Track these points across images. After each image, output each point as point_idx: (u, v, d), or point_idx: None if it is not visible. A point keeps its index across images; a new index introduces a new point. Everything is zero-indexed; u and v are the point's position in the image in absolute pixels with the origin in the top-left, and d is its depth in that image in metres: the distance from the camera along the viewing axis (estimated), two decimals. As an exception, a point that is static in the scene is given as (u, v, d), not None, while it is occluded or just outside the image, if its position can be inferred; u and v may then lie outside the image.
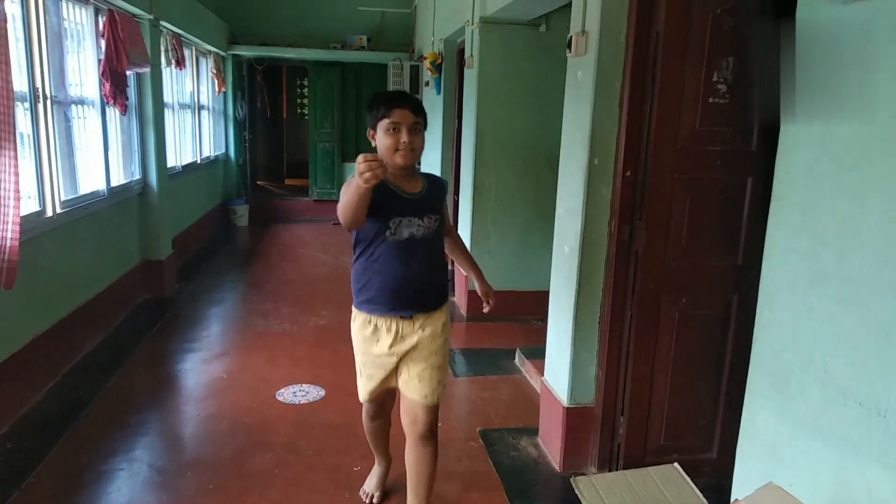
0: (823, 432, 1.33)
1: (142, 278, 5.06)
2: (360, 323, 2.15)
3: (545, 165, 4.54)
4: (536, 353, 3.69)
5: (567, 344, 2.76)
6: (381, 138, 2.00)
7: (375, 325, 2.10)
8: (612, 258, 2.60)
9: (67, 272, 3.75)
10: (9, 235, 2.73)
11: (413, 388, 2.11)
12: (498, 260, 4.84)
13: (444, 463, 2.48)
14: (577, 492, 1.08)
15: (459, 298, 5.24)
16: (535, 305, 4.63)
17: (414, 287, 2.06)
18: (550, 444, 2.94)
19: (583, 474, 2.53)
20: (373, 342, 2.12)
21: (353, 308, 2.16)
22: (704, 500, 1.08)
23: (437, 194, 2.16)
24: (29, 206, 3.32)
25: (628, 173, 2.51)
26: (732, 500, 1.07)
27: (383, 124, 1.98)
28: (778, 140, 1.60)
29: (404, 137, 1.96)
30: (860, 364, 1.28)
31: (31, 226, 3.22)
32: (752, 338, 1.65)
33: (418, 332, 2.10)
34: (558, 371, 2.88)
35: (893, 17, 1.27)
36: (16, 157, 2.74)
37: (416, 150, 2.00)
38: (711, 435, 2.68)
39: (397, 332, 2.09)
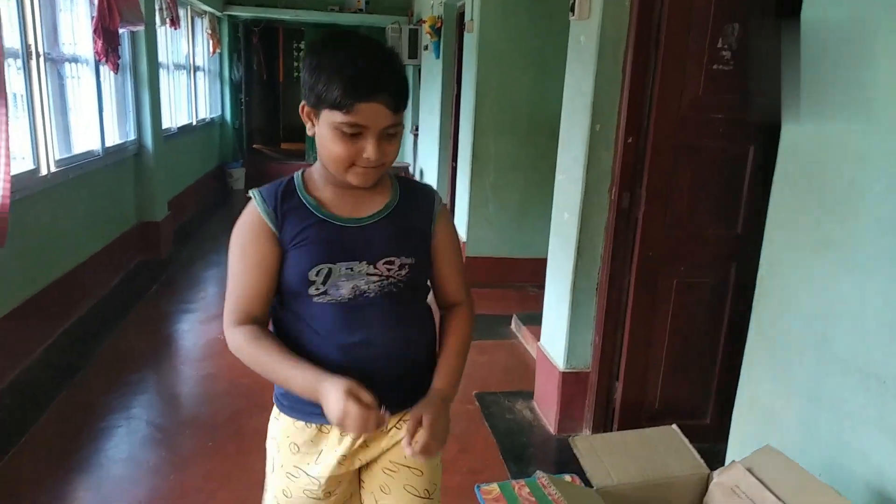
0: (821, 398, 1.34)
1: (138, 240, 5.04)
2: (286, 426, 1.23)
3: (545, 132, 4.50)
4: (532, 320, 3.72)
5: (564, 309, 2.77)
6: (325, 136, 1.08)
7: (319, 428, 1.21)
8: (612, 225, 2.60)
9: (62, 232, 3.73)
10: (-1, 192, 2.70)
11: None
12: (496, 227, 4.83)
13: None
14: (574, 450, 1.09)
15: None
16: (532, 273, 4.64)
17: (374, 373, 1.12)
18: (545, 408, 2.97)
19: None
20: (310, 457, 1.22)
21: (275, 404, 1.27)
22: (702, 461, 1.10)
23: (414, 216, 1.20)
24: (23, 164, 3.28)
25: (630, 140, 2.49)
26: (728, 461, 1.08)
27: (334, 118, 1.06)
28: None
29: (371, 150, 1.06)
30: (860, 331, 1.29)
31: (25, 184, 3.19)
32: (751, 305, 1.66)
33: (389, 436, 1.23)
34: (555, 336, 2.90)
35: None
36: (6, 115, 2.70)
37: (386, 164, 1.11)
38: (706, 401, 2.71)
39: (355, 439, 1.20)
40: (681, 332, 2.63)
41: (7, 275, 3.11)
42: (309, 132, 1.11)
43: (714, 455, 1.93)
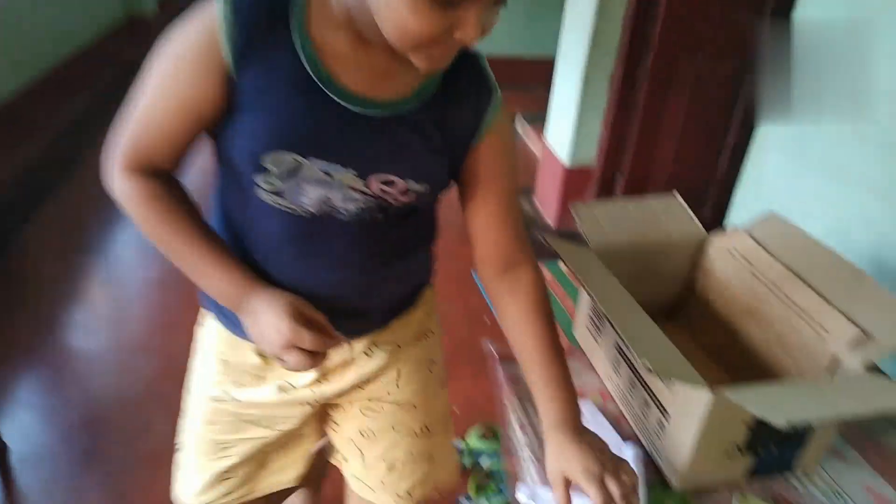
0: (830, 169, 1.32)
1: (127, 38, 4.77)
2: (216, 337, 0.88)
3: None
4: (537, 119, 3.62)
5: (573, 102, 2.67)
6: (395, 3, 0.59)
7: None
8: (632, 11, 2.41)
9: (38, 25, 3.50)
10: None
11: (375, 481, 0.94)
12: (505, 22, 4.53)
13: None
14: (574, 216, 1.09)
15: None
16: (540, 74, 4.44)
17: (330, 308, 0.75)
18: (547, 204, 3.00)
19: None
20: (249, 378, 0.88)
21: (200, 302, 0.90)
22: (701, 225, 1.09)
23: (453, 119, 0.75)
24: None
25: None
26: (730, 228, 1.08)
27: None
28: None
29: (473, 27, 0.61)
30: (877, 105, 1.22)
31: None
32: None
33: (359, 366, 0.88)
34: (561, 131, 2.84)
35: None
36: None
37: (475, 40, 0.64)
38: (706, 195, 2.71)
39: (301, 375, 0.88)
40: (691, 126, 2.55)
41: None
42: None
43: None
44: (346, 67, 0.68)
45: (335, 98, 0.67)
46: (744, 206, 1.62)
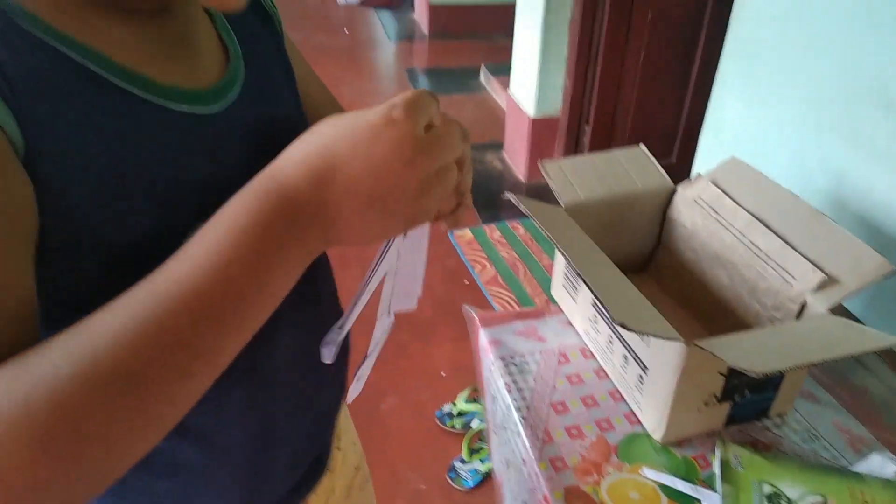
0: (788, 111, 1.34)
1: None
2: None
3: None
4: (502, 70, 3.59)
5: (535, 52, 2.64)
6: None
7: None
8: (587, -48, 2.38)
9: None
10: None
11: None
12: (462, -33, 4.44)
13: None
14: (543, 173, 1.09)
15: (420, 13, 4.91)
16: (500, 20, 4.38)
17: (278, 421, 0.56)
18: (515, 157, 2.99)
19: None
20: None
21: None
22: (667, 176, 1.11)
23: (266, 57, 0.56)
24: None
25: None
26: (693, 175, 1.09)
27: None
28: None
29: None
30: (837, 40, 1.23)
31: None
32: (727, 27, 1.57)
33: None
34: (525, 82, 2.81)
35: None
36: None
37: None
38: (673, 141, 2.74)
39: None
40: (652, 70, 2.56)
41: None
42: None
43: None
44: (139, 56, 0.44)
45: (169, 106, 0.44)
46: (709, 152, 1.64)
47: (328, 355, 0.48)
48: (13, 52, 0.37)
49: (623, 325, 0.72)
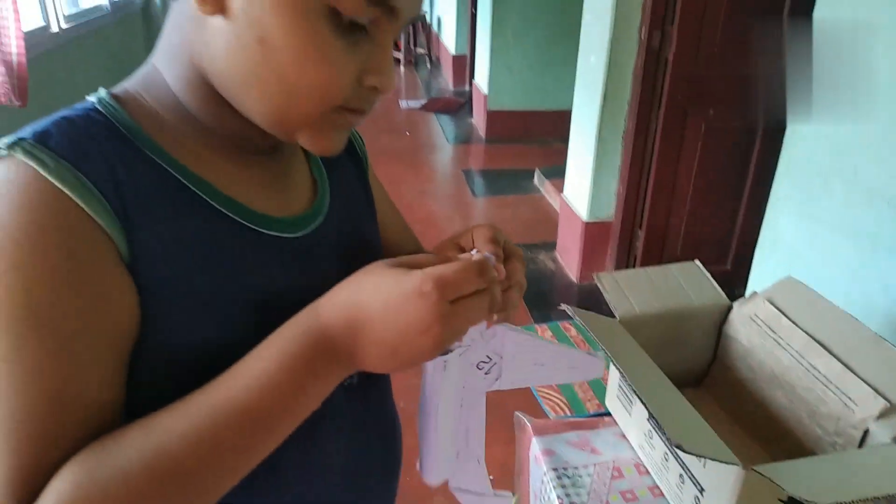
0: (844, 230, 1.35)
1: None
2: None
3: (571, -29, 4.21)
4: (556, 173, 3.70)
5: (589, 159, 2.74)
6: (280, 31, 0.42)
7: None
8: (640, 68, 2.49)
9: (78, 90, 3.68)
10: (14, 51, 2.64)
11: None
12: (517, 76, 4.67)
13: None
14: (598, 284, 1.12)
15: (478, 119, 5.14)
16: (554, 126, 4.55)
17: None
18: (568, 258, 3.03)
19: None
20: None
21: None
22: (723, 293, 1.12)
23: (350, 186, 0.65)
24: (33, 22, 3.20)
25: (663, -27, 2.33)
26: (749, 293, 1.11)
27: None
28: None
29: (387, 65, 0.48)
30: (890, 163, 1.26)
31: (38, 41, 3.12)
32: (782, 144, 1.62)
33: None
34: (578, 187, 2.89)
35: None
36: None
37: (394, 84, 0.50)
38: (727, 248, 2.74)
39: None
40: (706, 179, 2.60)
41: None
42: (203, 5, 0.43)
43: (733, 298, 1.99)
44: (242, 187, 0.51)
45: (268, 232, 0.51)
46: (764, 266, 1.65)
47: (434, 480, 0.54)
48: (133, 174, 0.44)
49: (680, 447, 0.73)
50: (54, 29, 3.37)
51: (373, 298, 0.44)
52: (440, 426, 0.51)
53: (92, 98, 0.48)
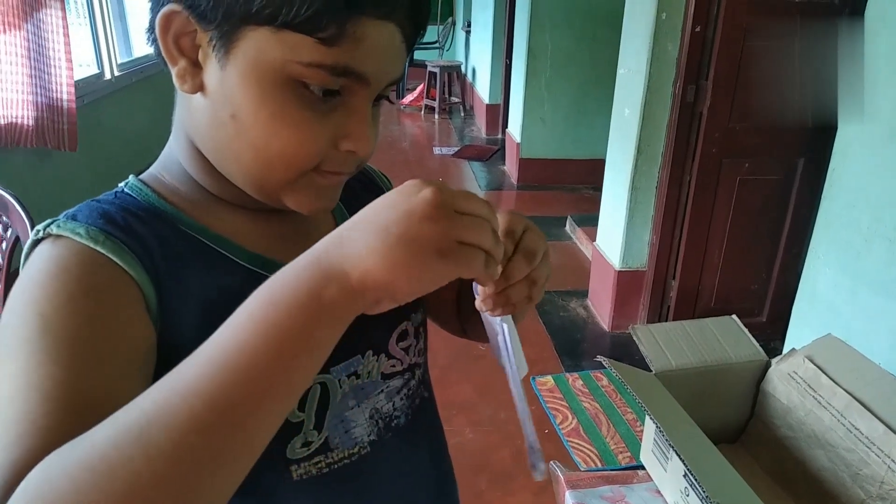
0: (886, 287, 1.33)
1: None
2: None
3: (606, 23, 4.30)
4: (587, 221, 3.70)
5: (622, 209, 2.75)
6: (253, 102, 0.46)
7: None
8: (674, 121, 2.52)
9: (130, 136, 3.85)
10: (64, 97, 2.78)
11: None
12: (550, 127, 4.73)
13: (497, 320, 2.59)
14: (634, 337, 1.13)
15: (510, 166, 5.21)
16: (587, 174, 4.58)
17: None
18: (600, 306, 3.02)
19: (631, 334, 2.63)
20: None
21: None
22: (761, 349, 1.12)
23: None
24: (87, 70, 3.37)
25: (698, 28, 2.37)
26: (787, 348, 1.10)
27: (297, 55, 0.44)
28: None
29: (362, 131, 0.49)
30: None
31: (92, 88, 3.28)
32: (815, 202, 1.62)
33: None
34: (611, 235, 2.90)
35: None
36: (64, 18, 2.73)
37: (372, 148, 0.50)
38: (763, 299, 2.70)
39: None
40: (741, 231, 2.59)
41: (81, 178, 3.25)
42: (182, 84, 0.48)
43: (769, 351, 1.96)
44: (261, 242, 0.54)
45: None
46: (803, 321, 1.63)
47: (540, 473, 0.51)
48: (160, 240, 0.48)
49: (719, 506, 0.73)
50: (108, 76, 3.54)
51: (366, 207, 0.40)
52: (521, 398, 0.50)
53: (121, 185, 0.53)
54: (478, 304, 0.48)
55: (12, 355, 0.41)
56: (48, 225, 0.47)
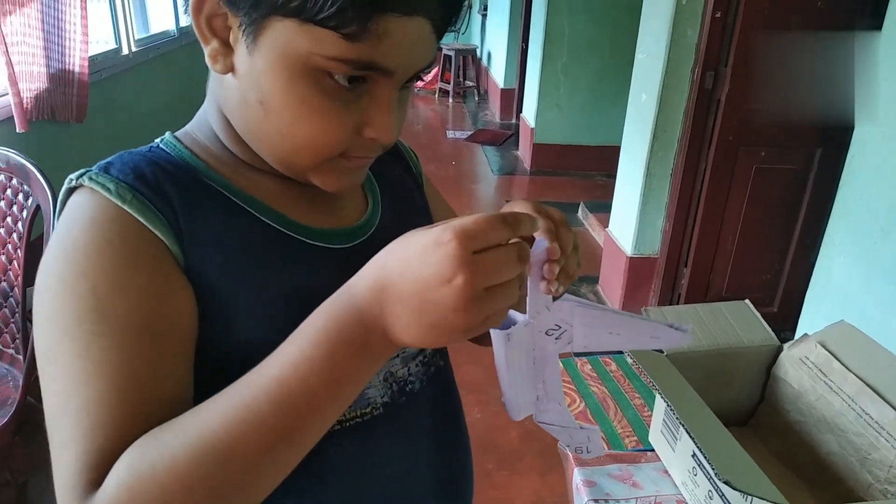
0: (901, 278, 1.33)
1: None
2: None
3: (624, 8, 4.25)
4: (600, 208, 3.70)
5: (636, 195, 2.74)
6: (280, 88, 0.47)
7: None
8: (692, 107, 2.50)
9: (146, 111, 3.86)
10: (76, 70, 2.78)
11: None
12: (566, 112, 4.70)
13: (507, 303, 2.60)
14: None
15: (524, 151, 5.19)
16: (601, 161, 4.56)
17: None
18: (610, 292, 3.02)
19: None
20: None
21: None
22: (773, 334, 1.12)
23: (404, 195, 0.68)
24: (105, 46, 3.38)
25: (718, 14, 2.34)
26: (799, 335, 1.10)
27: (320, 48, 0.45)
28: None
29: (386, 121, 0.50)
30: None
31: (111, 63, 3.30)
32: (832, 192, 1.61)
33: None
34: (624, 222, 2.89)
35: None
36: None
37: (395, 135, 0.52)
38: (775, 289, 2.69)
39: None
40: (755, 220, 2.58)
41: (97, 151, 3.27)
42: (214, 65, 0.49)
43: (780, 340, 1.96)
44: (290, 204, 0.55)
45: (312, 242, 0.54)
46: (815, 309, 1.62)
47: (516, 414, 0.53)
48: (181, 191, 0.50)
49: (728, 484, 0.73)
50: (125, 52, 3.55)
51: (396, 257, 0.42)
52: (513, 380, 0.50)
53: (157, 140, 0.56)
54: (544, 287, 0.46)
55: (70, 332, 0.44)
56: (81, 175, 0.49)
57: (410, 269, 0.40)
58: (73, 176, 0.49)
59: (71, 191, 0.50)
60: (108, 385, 0.43)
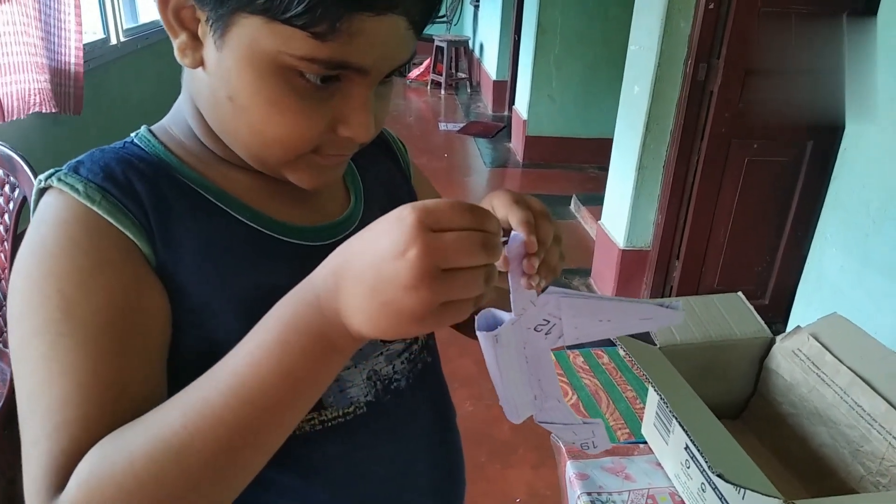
0: (893, 269, 1.33)
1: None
2: None
3: (618, 2, 4.24)
4: (592, 200, 3.70)
5: (628, 187, 2.74)
6: (251, 86, 0.46)
7: None
8: (684, 98, 2.50)
9: (134, 102, 3.83)
10: (72, 61, 2.75)
11: None
12: (559, 105, 4.69)
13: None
14: (639, 312, 1.12)
15: (516, 143, 5.18)
16: (593, 153, 4.56)
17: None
18: (603, 285, 3.03)
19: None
20: None
21: None
22: (766, 326, 1.12)
23: (389, 188, 0.66)
24: (93, 36, 3.34)
25: (711, 6, 2.34)
26: (791, 328, 1.10)
27: (290, 47, 0.43)
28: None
29: (362, 119, 0.48)
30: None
31: (99, 53, 3.26)
32: (824, 184, 1.61)
33: None
34: (616, 214, 2.89)
35: None
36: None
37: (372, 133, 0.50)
38: (766, 282, 2.70)
39: None
40: (747, 212, 2.58)
41: (87, 143, 3.24)
42: (183, 58, 0.49)
43: (774, 333, 1.97)
44: (265, 200, 0.54)
45: (290, 240, 0.53)
46: (807, 302, 1.63)
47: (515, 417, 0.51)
48: (153, 190, 0.49)
49: (720, 476, 0.73)
50: (113, 42, 3.51)
51: (357, 239, 0.40)
52: (507, 382, 0.49)
53: (132, 134, 0.55)
54: (525, 283, 0.45)
55: (38, 332, 0.44)
56: (50, 176, 0.48)
57: (368, 245, 0.39)
58: (42, 176, 0.49)
59: (42, 191, 0.49)
60: (73, 385, 0.42)
